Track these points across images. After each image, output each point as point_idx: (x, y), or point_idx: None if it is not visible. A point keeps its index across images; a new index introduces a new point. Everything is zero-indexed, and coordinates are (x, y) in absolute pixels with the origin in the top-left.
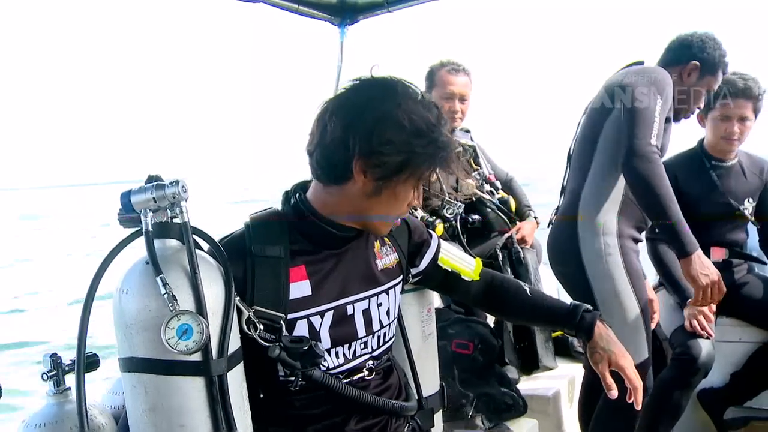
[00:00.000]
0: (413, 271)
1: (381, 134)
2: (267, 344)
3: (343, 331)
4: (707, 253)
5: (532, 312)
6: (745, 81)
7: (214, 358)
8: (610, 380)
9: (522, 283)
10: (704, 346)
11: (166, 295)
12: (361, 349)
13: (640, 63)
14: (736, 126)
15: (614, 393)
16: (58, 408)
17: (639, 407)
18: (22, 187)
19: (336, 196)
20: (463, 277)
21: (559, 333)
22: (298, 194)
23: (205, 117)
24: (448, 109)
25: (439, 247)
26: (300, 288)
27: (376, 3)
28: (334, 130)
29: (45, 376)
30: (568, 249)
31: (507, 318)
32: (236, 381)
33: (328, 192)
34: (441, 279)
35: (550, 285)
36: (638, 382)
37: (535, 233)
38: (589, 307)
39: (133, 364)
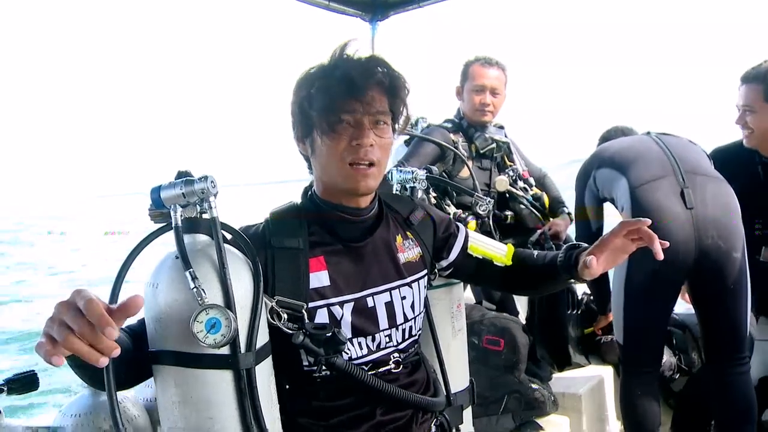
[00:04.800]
0: (443, 263)
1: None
2: (291, 332)
3: (365, 322)
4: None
5: (543, 271)
6: None
7: (242, 351)
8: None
9: (529, 250)
10: None
11: (195, 289)
12: (386, 342)
13: None
14: None
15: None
16: (94, 399)
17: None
18: None
19: (318, 179)
20: (495, 263)
21: (590, 330)
22: (313, 188)
23: (243, 119)
24: (479, 102)
25: (467, 236)
26: (319, 278)
27: None
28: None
29: None
30: None
31: (532, 291)
32: (264, 374)
33: (315, 179)
34: (473, 268)
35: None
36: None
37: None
38: (584, 245)
39: (162, 357)
